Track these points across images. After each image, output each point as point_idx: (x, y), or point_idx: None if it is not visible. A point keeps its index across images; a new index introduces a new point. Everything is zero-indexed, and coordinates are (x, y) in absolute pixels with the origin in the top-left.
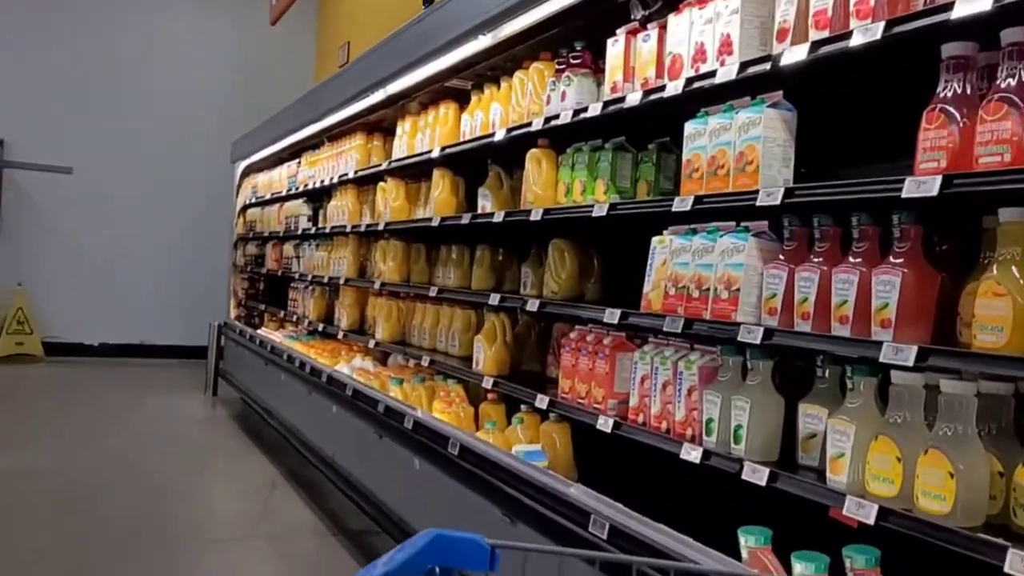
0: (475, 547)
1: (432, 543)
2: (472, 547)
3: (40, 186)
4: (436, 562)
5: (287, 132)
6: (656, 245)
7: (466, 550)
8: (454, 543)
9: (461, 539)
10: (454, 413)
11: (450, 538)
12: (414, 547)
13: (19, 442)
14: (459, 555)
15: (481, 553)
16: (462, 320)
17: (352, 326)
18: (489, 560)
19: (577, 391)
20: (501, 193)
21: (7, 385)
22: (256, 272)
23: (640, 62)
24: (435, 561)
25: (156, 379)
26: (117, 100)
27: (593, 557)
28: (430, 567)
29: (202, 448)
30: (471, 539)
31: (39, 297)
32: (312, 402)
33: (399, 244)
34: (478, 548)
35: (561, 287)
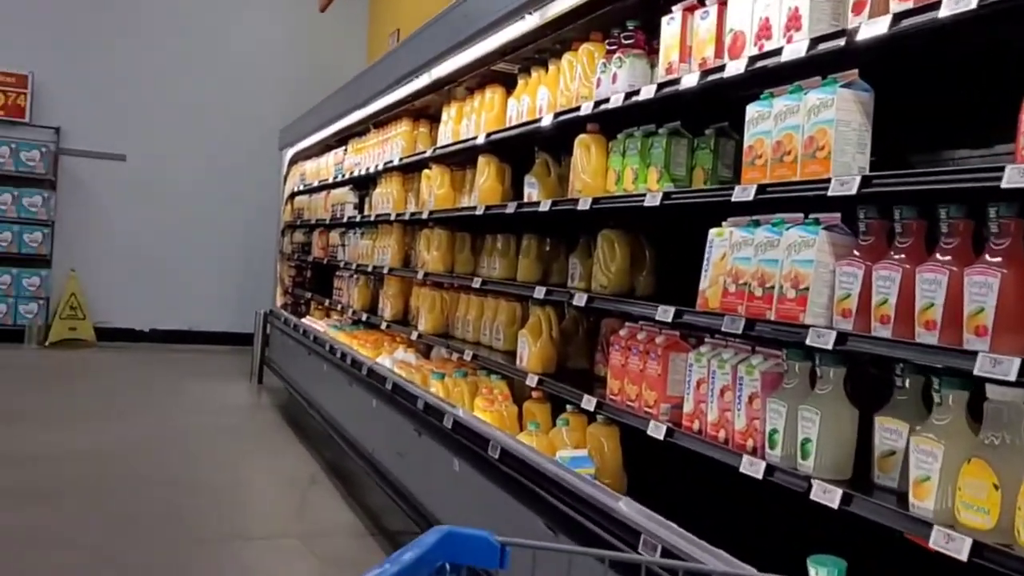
0: (485, 544)
1: (443, 540)
2: (482, 544)
3: (95, 173)
4: (446, 559)
5: (332, 119)
6: (714, 238)
7: (476, 547)
8: (464, 540)
9: (471, 536)
10: (496, 412)
11: (460, 535)
12: (424, 544)
13: (62, 425)
14: (469, 552)
15: (491, 550)
16: (507, 313)
17: (396, 317)
18: (499, 557)
19: (627, 393)
20: (548, 181)
21: (57, 369)
22: (303, 260)
23: (697, 41)
24: (445, 558)
25: (203, 366)
26: (170, 88)
27: (603, 556)
28: (440, 564)
29: (243, 437)
30: (481, 536)
31: (92, 283)
32: (353, 394)
33: (443, 233)
34: (488, 545)
35: (611, 281)
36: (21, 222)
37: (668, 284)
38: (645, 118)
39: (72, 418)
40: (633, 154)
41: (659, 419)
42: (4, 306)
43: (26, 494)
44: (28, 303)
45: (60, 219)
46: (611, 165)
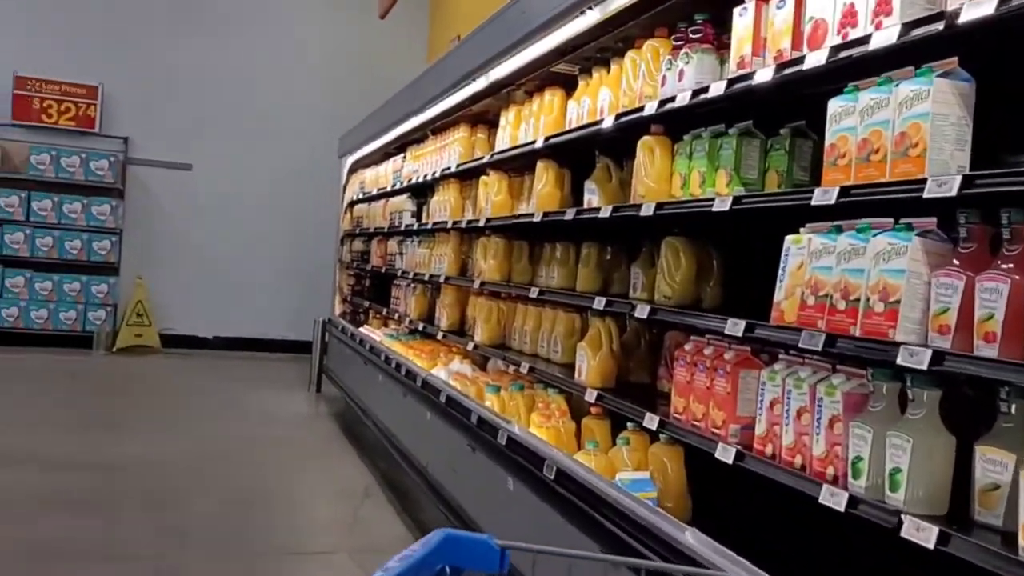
0: (485, 548)
1: (443, 543)
2: (482, 548)
3: (161, 182)
4: (447, 562)
5: (390, 125)
6: (791, 245)
7: (476, 551)
8: (464, 543)
9: (471, 540)
10: (553, 428)
11: (460, 538)
12: (425, 547)
13: (121, 432)
14: (469, 556)
15: (491, 554)
16: (565, 324)
17: (452, 327)
18: (499, 561)
19: (692, 412)
20: (609, 186)
21: (122, 375)
22: (362, 268)
23: (773, 32)
24: (446, 561)
25: (264, 374)
26: (236, 98)
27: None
28: (440, 567)
29: (298, 447)
30: (481, 540)
31: (157, 290)
32: (407, 406)
33: (500, 241)
34: (488, 549)
35: (675, 291)
36: (90, 230)
37: (737, 295)
38: (713, 118)
39: (133, 426)
40: (700, 156)
41: (728, 441)
42: (74, 312)
43: (83, 503)
44: (96, 310)
45: (128, 227)
46: (676, 168)
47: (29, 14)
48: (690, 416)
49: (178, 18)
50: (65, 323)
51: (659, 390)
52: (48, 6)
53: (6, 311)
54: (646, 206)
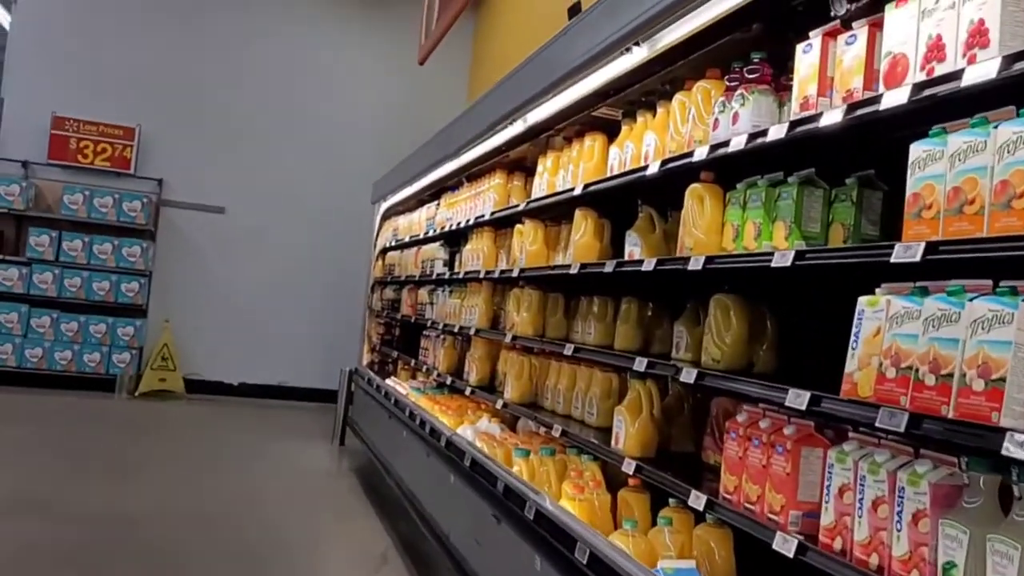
0: None
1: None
2: None
3: (193, 225)
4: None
5: (423, 171)
6: (865, 308)
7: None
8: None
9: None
10: (586, 501)
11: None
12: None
13: (132, 481)
14: None
15: None
16: (602, 385)
17: (481, 382)
18: None
19: (746, 493)
20: (652, 237)
21: (140, 422)
22: (392, 317)
23: (842, 70)
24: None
25: (287, 423)
26: (271, 142)
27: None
28: None
29: (316, 505)
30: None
31: (184, 334)
32: (430, 466)
33: (535, 293)
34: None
35: (724, 354)
36: (119, 271)
37: (791, 362)
38: (771, 165)
39: (146, 476)
40: (756, 206)
41: (787, 530)
42: (98, 355)
43: (80, 559)
44: (121, 352)
45: (157, 269)
46: (728, 219)
47: (69, 55)
48: (743, 497)
49: (217, 62)
50: (89, 365)
51: (704, 462)
52: (89, 48)
53: (31, 352)
54: (694, 259)
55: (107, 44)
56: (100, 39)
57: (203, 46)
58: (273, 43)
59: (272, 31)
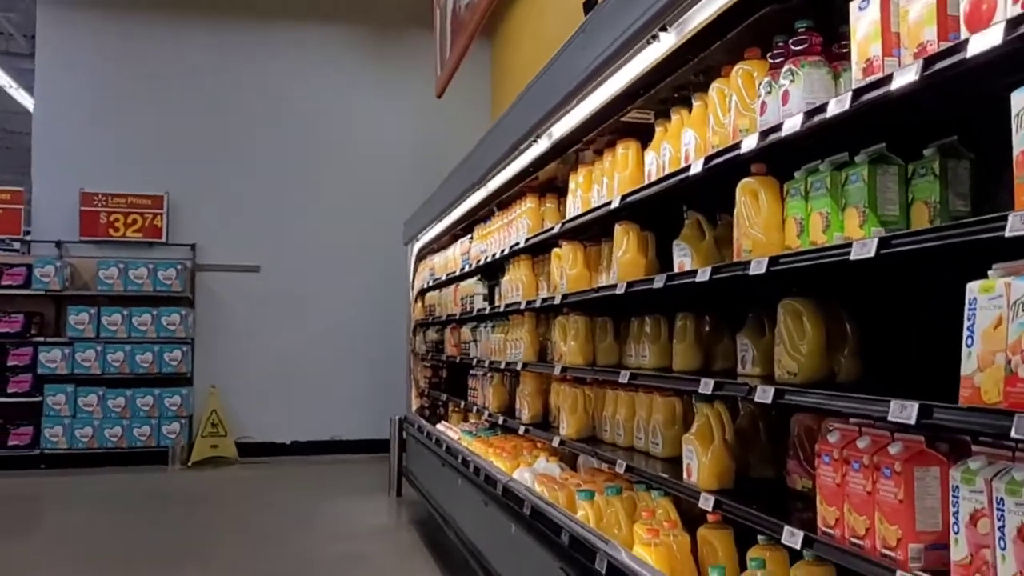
0: None
1: None
2: None
3: (229, 287)
4: None
5: (450, 204)
6: (978, 296)
7: None
8: None
9: None
10: (664, 546)
11: None
12: None
13: (182, 565)
14: None
15: None
16: (664, 411)
17: (534, 419)
18: None
19: (851, 525)
20: (703, 245)
21: (194, 494)
22: (437, 359)
23: (909, 23)
24: None
25: (343, 479)
26: (299, 195)
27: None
28: None
29: (376, 566)
30: None
31: (232, 398)
32: (489, 517)
33: (580, 319)
34: None
35: (802, 366)
36: (161, 341)
37: (878, 367)
38: (828, 148)
39: (197, 555)
40: (821, 194)
41: (910, 569)
42: (148, 428)
43: None
44: (171, 423)
45: (199, 335)
46: (789, 213)
47: (93, 130)
48: (847, 531)
49: (237, 119)
50: (140, 439)
51: (791, 488)
52: (110, 120)
53: (80, 431)
54: (756, 262)
55: (127, 114)
56: (120, 110)
57: (222, 106)
58: (292, 93)
59: (290, 81)
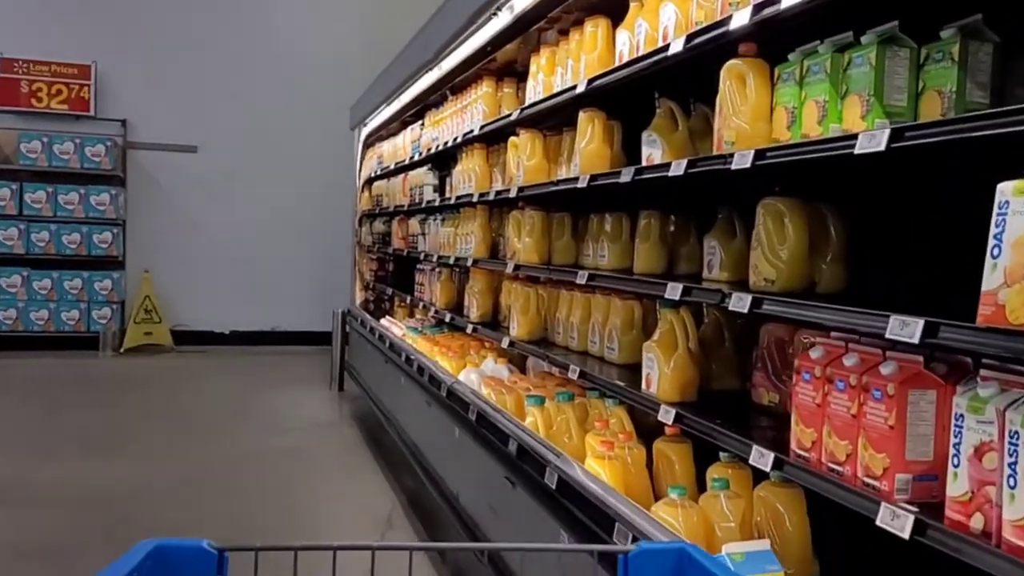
0: (200, 553)
1: (150, 556)
2: (196, 554)
3: (165, 167)
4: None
5: (401, 85)
6: (1011, 199)
7: (190, 558)
8: (176, 552)
9: (183, 547)
10: (618, 459)
11: (170, 547)
12: (129, 561)
13: (116, 452)
14: (183, 565)
15: (207, 559)
16: (622, 315)
17: (483, 318)
18: (217, 566)
19: (829, 450)
20: (675, 137)
21: (127, 380)
22: (384, 252)
23: None
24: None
25: (283, 370)
26: (241, 72)
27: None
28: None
29: (314, 462)
30: (194, 546)
31: (167, 284)
32: (432, 418)
33: (537, 215)
34: (203, 554)
35: (781, 273)
36: (90, 222)
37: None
38: (830, 28)
39: (131, 443)
40: (818, 79)
41: (895, 500)
42: (76, 312)
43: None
44: (101, 308)
45: (131, 217)
46: (780, 101)
47: None
48: (825, 455)
49: None
50: (68, 323)
51: (756, 403)
52: None
53: (3, 313)
54: (739, 155)
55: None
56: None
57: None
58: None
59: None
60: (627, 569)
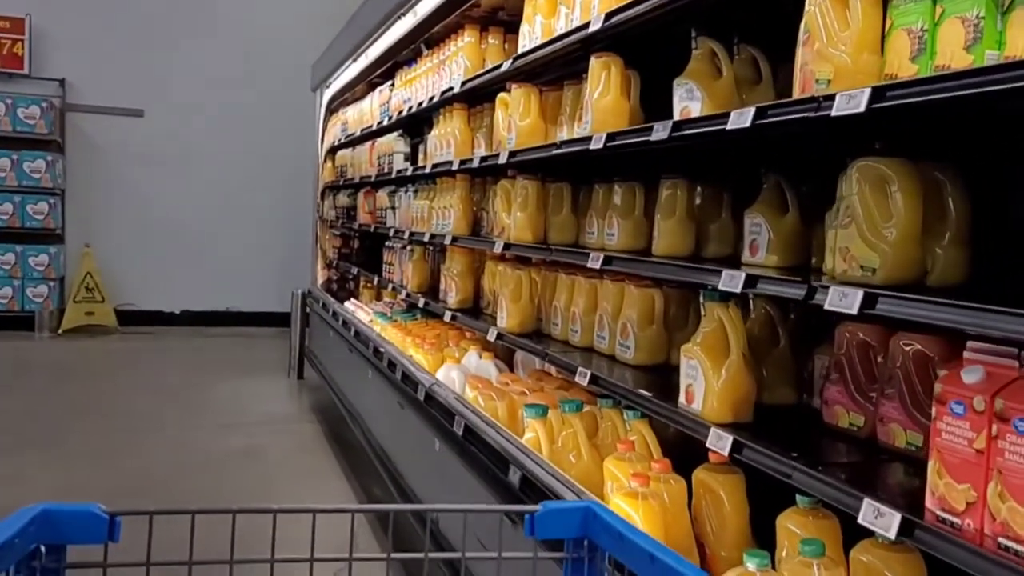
0: (90, 518)
1: (35, 520)
2: (86, 518)
3: (108, 132)
4: (42, 540)
5: (367, 36)
6: None
7: (80, 523)
8: (64, 517)
9: (72, 511)
10: (655, 500)
11: (58, 511)
12: (11, 526)
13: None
14: (71, 529)
15: (98, 523)
16: (640, 305)
17: (463, 304)
18: (108, 530)
19: (1000, 518)
20: (718, 85)
21: (62, 364)
22: (348, 227)
23: None
24: (41, 539)
25: (237, 355)
26: (189, 30)
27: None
28: (34, 547)
29: (270, 465)
30: (84, 510)
31: (110, 260)
32: (407, 424)
33: (531, 184)
34: (94, 519)
35: (886, 259)
36: (23, 191)
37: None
38: None
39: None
40: None
41: None
42: (9, 289)
43: None
44: (37, 285)
45: (70, 187)
46: (900, 22)
47: None
48: (989, 523)
49: None
50: (0, 302)
51: (831, 425)
52: None
53: None
54: (844, 97)
55: None
56: None
57: None
58: None
59: None
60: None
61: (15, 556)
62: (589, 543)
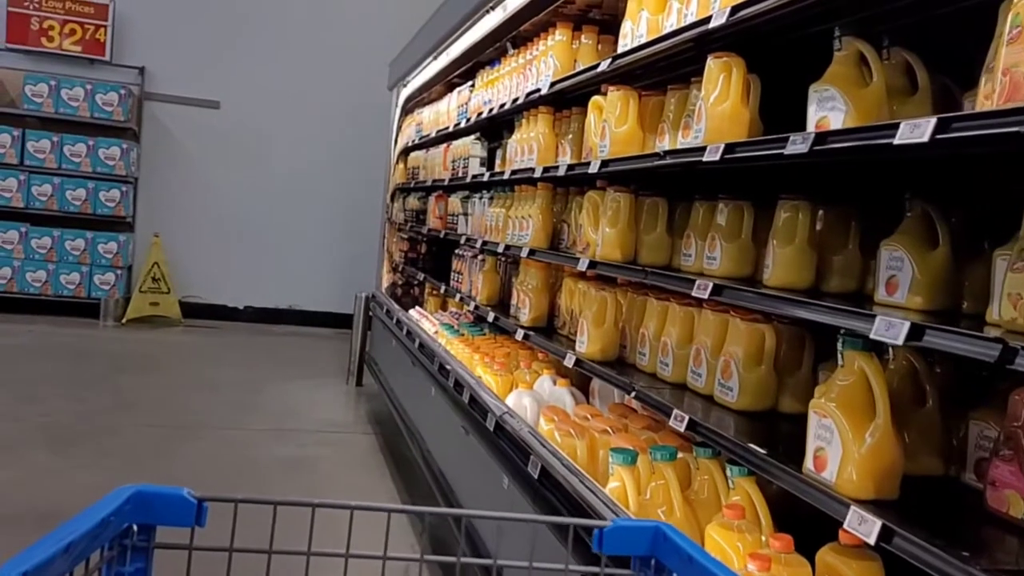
0: (179, 501)
1: (130, 500)
2: (176, 501)
3: (183, 122)
4: (134, 520)
5: (451, 31)
6: None
7: (169, 505)
8: (155, 499)
9: (163, 493)
10: None
11: (150, 493)
12: (108, 505)
13: (84, 444)
14: (161, 511)
15: (187, 507)
16: (747, 342)
17: (537, 322)
18: (196, 514)
19: None
20: (865, 93)
21: (123, 355)
22: (417, 231)
23: None
24: (133, 519)
25: (298, 356)
26: (270, 23)
27: (312, 503)
28: (127, 526)
29: (322, 478)
30: (174, 493)
31: (178, 251)
32: (472, 452)
33: (624, 198)
34: (183, 502)
35: None
36: (97, 177)
37: None
38: None
39: (106, 438)
40: None
41: None
42: (77, 276)
43: None
44: (104, 273)
45: (143, 175)
46: None
47: None
48: None
49: None
50: (68, 287)
51: (996, 511)
52: None
53: None
54: None
55: None
56: None
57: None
58: None
59: None
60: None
61: (110, 533)
62: (657, 563)
